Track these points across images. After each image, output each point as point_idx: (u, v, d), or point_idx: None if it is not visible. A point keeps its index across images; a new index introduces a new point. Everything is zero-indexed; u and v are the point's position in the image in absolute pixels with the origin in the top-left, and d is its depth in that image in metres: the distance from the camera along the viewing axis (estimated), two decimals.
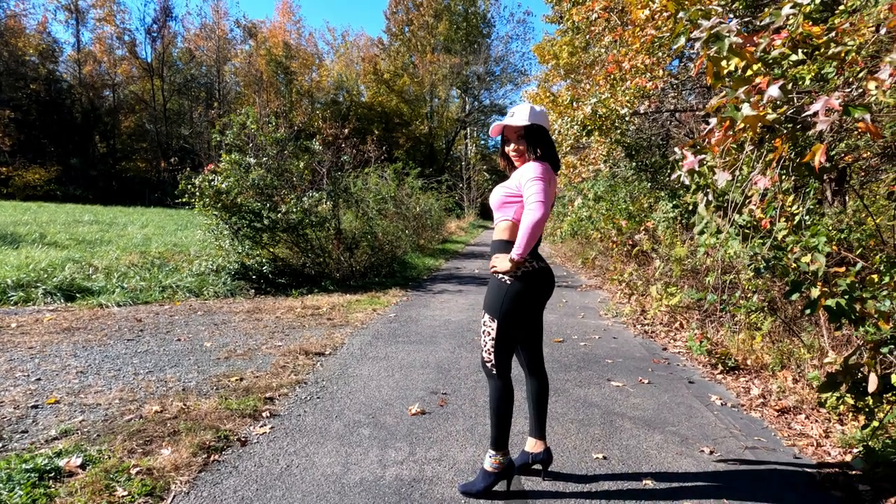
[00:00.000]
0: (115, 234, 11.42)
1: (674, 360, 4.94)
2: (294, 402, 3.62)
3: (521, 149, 2.49)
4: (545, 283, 2.50)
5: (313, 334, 5.46)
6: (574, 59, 13.20)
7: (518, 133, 2.49)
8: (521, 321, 2.48)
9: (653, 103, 8.03)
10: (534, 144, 2.46)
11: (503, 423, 2.48)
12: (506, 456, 2.51)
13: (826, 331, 4.11)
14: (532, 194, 2.30)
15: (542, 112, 2.50)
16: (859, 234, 3.95)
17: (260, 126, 8.82)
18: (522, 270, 2.41)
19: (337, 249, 9.47)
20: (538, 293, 2.48)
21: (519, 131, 2.49)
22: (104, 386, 3.79)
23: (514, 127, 2.49)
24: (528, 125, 2.45)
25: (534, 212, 2.27)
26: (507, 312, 2.42)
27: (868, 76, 2.37)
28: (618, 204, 9.18)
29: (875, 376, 2.59)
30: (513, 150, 2.53)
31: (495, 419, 2.48)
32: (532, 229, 2.27)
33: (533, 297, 2.46)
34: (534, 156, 2.44)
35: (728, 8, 4.92)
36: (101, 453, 2.75)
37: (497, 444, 2.49)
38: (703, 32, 2.49)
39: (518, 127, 2.48)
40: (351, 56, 44.40)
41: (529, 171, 2.36)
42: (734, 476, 2.79)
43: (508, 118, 2.51)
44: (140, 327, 5.47)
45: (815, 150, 2.15)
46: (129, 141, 38.45)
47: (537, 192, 2.29)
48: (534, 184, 2.31)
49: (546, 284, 2.51)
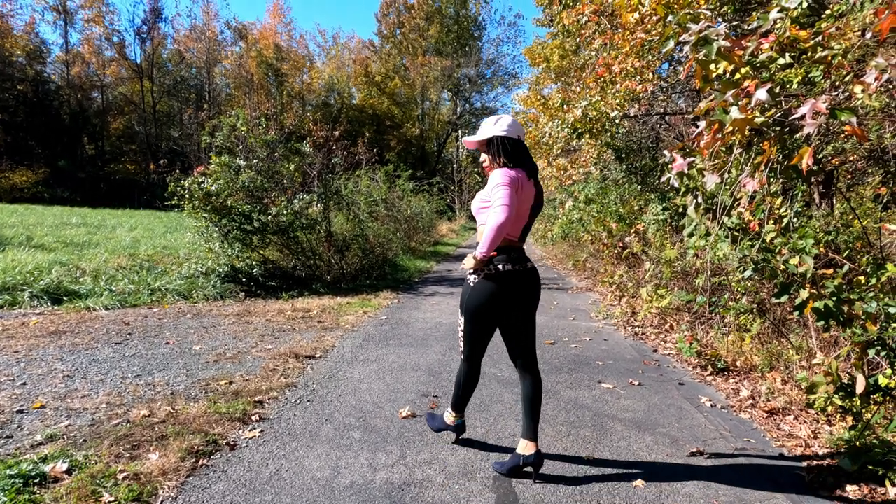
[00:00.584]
0: (103, 237, 11.31)
1: (664, 362, 4.96)
2: (284, 406, 3.59)
3: (488, 159, 2.71)
4: (515, 285, 2.62)
5: (304, 337, 5.43)
6: (565, 62, 13.26)
7: (482, 146, 2.73)
8: (486, 319, 2.68)
9: (643, 106, 8.07)
10: (496, 154, 2.63)
11: (464, 394, 2.93)
12: (460, 418, 3.02)
13: (814, 332, 4.14)
14: (497, 199, 2.44)
15: (508, 123, 2.66)
16: (846, 237, 3.99)
17: (250, 128, 8.78)
18: (485, 272, 2.59)
19: (328, 252, 9.44)
20: (506, 294, 2.61)
21: (482, 144, 2.72)
22: (91, 390, 3.75)
23: (470, 143, 2.78)
24: (488, 138, 2.66)
25: (497, 215, 2.41)
26: (470, 309, 2.67)
27: (854, 80, 2.39)
28: (608, 206, 9.22)
29: (862, 377, 2.61)
30: (483, 161, 2.77)
31: (457, 389, 2.94)
32: (494, 231, 2.41)
33: (499, 298, 2.61)
34: (499, 163, 2.61)
35: (716, 12, 4.96)
36: (87, 458, 2.71)
37: (455, 408, 3.00)
38: (691, 36, 2.51)
39: (474, 144, 2.76)
40: (342, 58, 44.38)
41: (496, 178, 2.51)
42: (724, 477, 2.80)
43: (466, 138, 2.80)
44: (128, 331, 5.42)
45: (803, 152, 2.17)
46: (117, 143, 38.18)
47: (502, 197, 2.43)
48: (499, 189, 2.46)
49: (516, 287, 2.62)
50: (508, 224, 2.42)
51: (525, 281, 2.65)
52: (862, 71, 2.39)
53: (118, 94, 37.96)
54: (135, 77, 37.81)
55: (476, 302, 2.63)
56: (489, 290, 2.59)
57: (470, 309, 2.66)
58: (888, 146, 3.47)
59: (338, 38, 45.38)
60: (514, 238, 2.65)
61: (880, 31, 2.03)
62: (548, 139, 8.77)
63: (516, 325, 2.75)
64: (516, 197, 2.48)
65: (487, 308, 2.62)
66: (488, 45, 42.45)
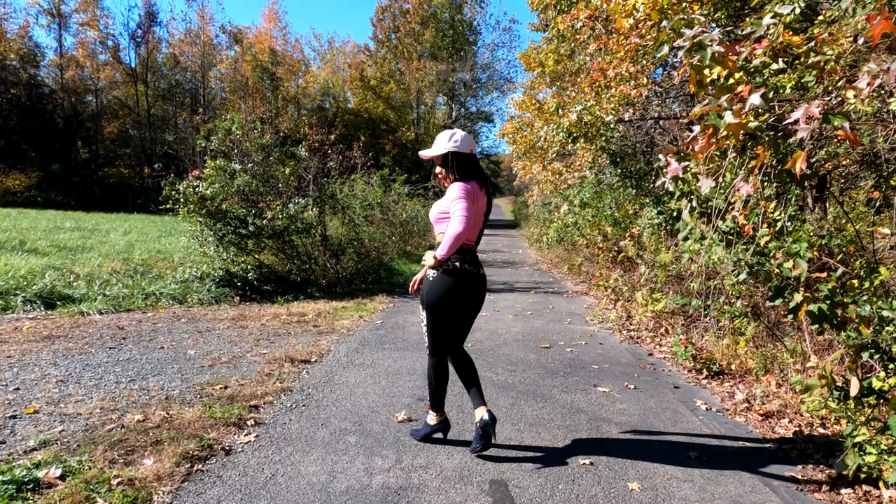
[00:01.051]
0: (97, 241, 11.26)
1: (659, 366, 4.97)
2: (279, 410, 3.58)
3: (443, 171, 3.00)
4: (468, 282, 2.95)
5: (299, 341, 5.42)
6: (559, 66, 13.32)
7: (438, 160, 3.01)
8: (445, 310, 2.96)
9: (637, 111, 8.12)
10: (451, 168, 2.94)
11: (437, 390, 3.08)
12: (441, 415, 3.13)
13: (808, 336, 4.16)
14: (456, 210, 2.76)
15: (460, 138, 2.95)
16: (840, 240, 4.01)
17: (245, 132, 8.76)
18: (444, 268, 2.90)
19: (323, 256, 9.42)
20: (460, 289, 2.94)
21: (438, 158, 3.00)
22: (85, 395, 3.73)
23: (425, 157, 3.04)
24: (444, 153, 2.95)
25: (456, 225, 2.72)
26: (431, 302, 2.94)
27: (847, 85, 2.41)
28: (603, 210, 9.24)
29: (856, 380, 2.62)
30: (438, 173, 3.05)
31: (430, 387, 3.09)
32: (453, 239, 2.72)
33: (454, 291, 2.93)
34: (454, 177, 2.91)
35: (710, 17, 5.00)
36: (81, 464, 2.70)
37: (434, 407, 3.12)
38: (686, 41, 2.52)
39: (428, 158, 3.02)
40: (337, 62, 44.35)
41: (453, 192, 2.83)
42: (719, 480, 2.81)
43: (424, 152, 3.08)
44: (122, 335, 5.40)
45: (796, 157, 2.18)
46: (112, 146, 37.99)
47: (461, 209, 2.75)
48: (457, 202, 2.78)
49: (469, 284, 2.96)
50: (466, 233, 2.74)
51: (476, 282, 3.01)
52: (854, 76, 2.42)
53: (112, 98, 37.80)
54: (129, 81, 37.67)
55: (436, 294, 2.92)
56: (447, 283, 2.91)
57: (431, 301, 2.93)
58: (880, 151, 3.50)
59: (333, 43, 45.41)
60: (472, 242, 3.01)
61: (872, 37, 2.05)
62: (543, 143, 8.80)
63: (461, 318, 3.08)
64: (472, 208, 2.82)
65: (446, 300, 2.92)
66: (483, 49, 42.52)
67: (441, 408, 3.13)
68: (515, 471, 2.84)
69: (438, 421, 3.14)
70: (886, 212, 3.92)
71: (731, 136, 2.45)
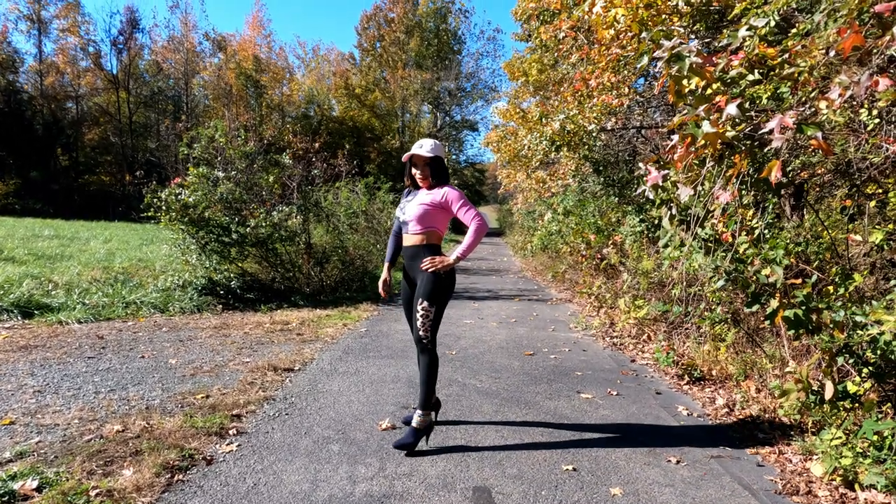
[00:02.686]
0: (76, 249, 11.09)
1: (642, 372, 5.01)
2: (262, 419, 3.55)
3: (426, 173, 3.20)
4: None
5: (282, 350, 5.38)
6: (543, 76, 13.46)
7: (425, 161, 3.18)
8: (446, 304, 3.21)
9: (619, 120, 8.22)
10: (440, 173, 3.21)
11: (432, 388, 3.16)
12: (428, 416, 3.15)
13: (786, 341, 4.23)
14: (469, 211, 3.10)
15: (441, 146, 3.26)
16: (816, 248, 4.10)
17: (229, 139, 8.72)
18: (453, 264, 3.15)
19: (307, 264, 9.38)
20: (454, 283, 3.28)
21: (425, 160, 3.17)
22: (63, 405, 3.66)
23: (423, 156, 3.16)
24: (434, 157, 3.17)
25: (483, 224, 3.07)
26: (443, 297, 3.15)
27: (819, 96, 2.48)
28: (586, 218, 9.33)
29: (831, 384, 2.68)
30: (419, 174, 3.22)
31: (427, 385, 3.13)
32: (481, 236, 3.08)
33: (453, 284, 3.26)
34: (436, 181, 3.20)
35: (689, 29, 5.09)
36: (58, 475, 2.65)
37: (425, 405, 3.14)
38: (665, 52, 2.58)
39: (426, 157, 3.16)
40: (322, 70, 44.29)
41: (454, 196, 3.15)
42: (700, 485, 2.84)
43: (417, 149, 3.18)
44: (102, 344, 5.32)
45: (772, 165, 2.24)
46: (92, 154, 37.51)
47: (473, 210, 3.10)
48: (465, 206, 3.12)
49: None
50: (486, 229, 3.06)
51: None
52: (826, 87, 2.48)
53: (93, 105, 37.36)
54: (111, 88, 37.27)
55: (447, 289, 3.17)
56: (453, 277, 3.22)
57: (443, 297, 3.14)
58: (853, 160, 3.59)
59: (318, 51, 45.27)
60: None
61: (843, 49, 2.12)
62: (527, 152, 8.88)
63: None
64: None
65: (450, 294, 3.22)
66: (468, 58, 42.82)
67: (430, 405, 3.18)
68: (499, 477, 2.85)
69: (426, 422, 3.15)
70: (859, 220, 4.01)
71: (709, 145, 2.51)
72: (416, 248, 3.22)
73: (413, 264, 3.23)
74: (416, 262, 3.20)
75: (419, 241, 3.21)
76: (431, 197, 3.18)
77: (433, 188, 3.23)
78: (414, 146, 3.20)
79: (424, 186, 3.24)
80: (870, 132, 3.33)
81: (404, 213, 3.25)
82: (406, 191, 3.39)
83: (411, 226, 3.20)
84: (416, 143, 3.21)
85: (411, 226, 3.20)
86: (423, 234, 3.20)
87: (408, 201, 3.28)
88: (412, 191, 3.34)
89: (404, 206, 3.28)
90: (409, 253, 3.25)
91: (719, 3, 4.59)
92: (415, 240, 3.22)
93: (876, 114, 3.23)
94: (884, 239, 3.49)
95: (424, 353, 3.14)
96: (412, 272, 3.26)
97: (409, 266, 3.29)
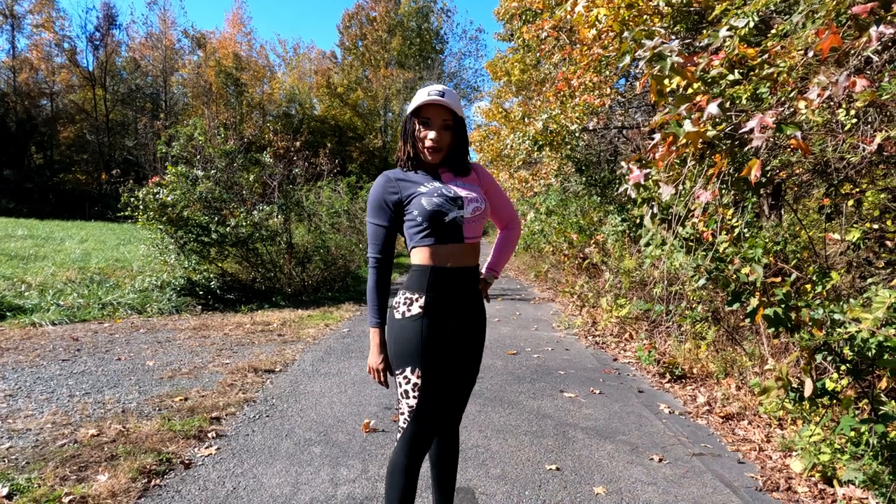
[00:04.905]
0: (51, 250, 10.84)
1: (624, 371, 5.04)
2: (242, 422, 3.50)
3: (444, 142, 1.85)
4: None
5: (263, 351, 5.31)
6: (525, 76, 13.50)
7: (447, 122, 1.84)
8: None
9: (601, 120, 8.26)
10: (461, 141, 1.92)
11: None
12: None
13: (766, 339, 4.28)
14: (510, 204, 2.13)
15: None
16: (794, 247, 4.15)
17: (208, 138, 8.60)
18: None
19: (288, 264, 9.29)
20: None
21: (448, 120, 1.84)
22: (35, 409, 3.57)
23: (446, 112, 1.83)
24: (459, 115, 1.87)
25: (520, 225, 2.20)
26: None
27: (798, 96, 2.50)
28: (569, 218, 9.37)
29: (810, 381, 2.70)
30: (432, 141, 1.83)
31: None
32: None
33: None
34: (452, 153, 1.90)
35: (670, 29, 5.13)
36: (30, 482, 2.57)
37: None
38: (646, 52, 2.58)
39: (447, 108, 1.82)
40: (303, 69, 43.99)
41: (489, 175, 2.05)
42: (682, 482, 2.85)
43: (431, 95, 1.80)
44: (77, 347, 5.20)
45: (751, 165, 2.25)
46: (68, 152, 36.74)
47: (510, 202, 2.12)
48: (503, 192, 2.10)
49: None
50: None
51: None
52: (805, 88, 2.51)
53: (69, 102, 36.60)
54: (87, 85, 36.55)
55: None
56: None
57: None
58: (830, 160, 3.64)
59: (298, 49, 44.96)
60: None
61: (821, 50, 2.13)
62: (509, 151, 8.89)
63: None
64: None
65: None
66: (450, 58, 42.93)
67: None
68: (482, 478, 2.83)
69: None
70: (837, 219, 4.07)
71: (690, 144, 2.51)
72: (473, 270, 1.92)
73: (466, 297, 1.92)
74: (472, 291, 1.94)
75: (475, 256, 1.95)
76: (470, 179, 1.96)
77: (453, 168, 1.93)
78: (420, 92, 1.85)
79: (434, 161, 1.86)
80: (847, 132, 3.37)
81: (456, 199, 1.82)
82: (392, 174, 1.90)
83: (469, 227, 1.85)
84: (423, 89, 1.85)
85: (469, 227, 1.85)
86: (477, 247, 1.94)
87: (435, 185, 1.85)
88: (408, 172, 1.90)
89: (438, 188, 1.83)
90: (461, 277, 1.87)
91: (700, 3, 4.62)
92: (471, 255, 1.90)
93: (853, 114, 3.27)
94: (860, 237, 3.54)
95: (457, 441, 2.13)
96: (461, 313, 1.90)
97: (455, 302, 1.87)
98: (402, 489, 1.86)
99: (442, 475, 2.10)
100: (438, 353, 1.82)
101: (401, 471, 1.85)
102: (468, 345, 1.94)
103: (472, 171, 1.98)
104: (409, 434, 1.83)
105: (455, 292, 1.86)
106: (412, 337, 1.80)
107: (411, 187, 1.84)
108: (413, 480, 1.87)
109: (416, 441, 1.84)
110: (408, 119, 1.88)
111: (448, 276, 1.83)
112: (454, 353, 1.89)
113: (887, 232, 3.68)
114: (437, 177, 1.90)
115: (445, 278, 1.83)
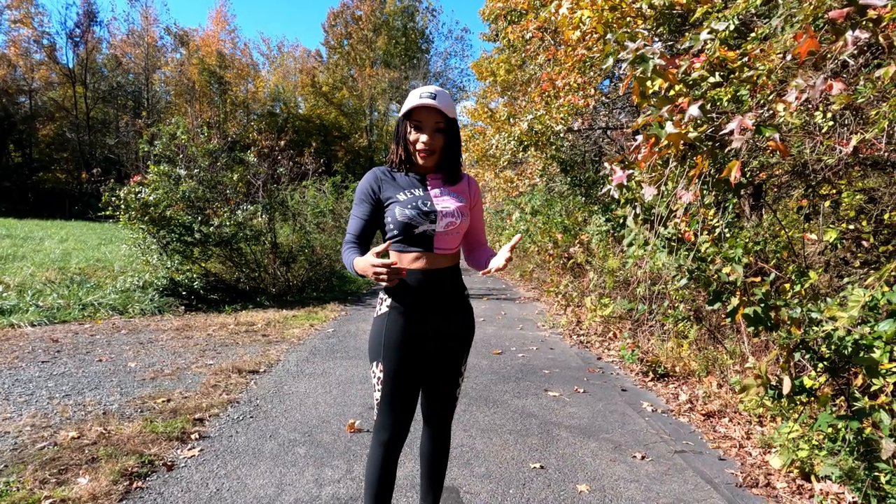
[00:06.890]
0: (30, 249, 10.65)
1: (608, 369, 5.08)
2: (225, 423, 3.47)
3: (436, 145, 1.84)
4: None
5: (247, 351, 5.27)
6: (511, 76, 13.55)
7: (439, 125, 1.82)
8: None
9: (585, 120, 8.32)
10: (451, 142, 1.88)
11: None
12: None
13: (746, 338, 4.35)
14: (484, 231, 2.11)
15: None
16: (774, 246, 4.21)
17: (191, 136, 8.52)
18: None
19: (273, 264, 9.23)
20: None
21: (441, 122, 1.82)
22: (14, 412, 3.51)
23: (438, 115, 1.81)
24: (453, 118, 1.86)
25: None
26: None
27: (777, 99, 2.54)
28: (554, 218, 9.42)
29: (789, 379, 2.75)
30: (424, 144, 1.82)
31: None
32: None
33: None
34: (445, 158, 1.90)
35: (653, 32, 5.18)
36: (8, 486, 2.54)
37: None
38: (629, 54, 2.61)
39: (440, 111, 1.80)
40: (287, 67, 43.71)
41: (479, 196, 2.04)
42: (664, 479, 2.89)
43: (422, 98, 1.77)
44: (56, 348, 5.12)
45: (731, 166, 2.28)
46: (47, 150, 36.13)
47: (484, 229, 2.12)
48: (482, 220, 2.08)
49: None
50: None
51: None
52: (784, 91, 2.55)
53: (48, 100, 36.00)
54: (67, 82, 35.98)
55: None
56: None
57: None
58: (808, 161, 3.71)
59: (282, 47, 44.64)
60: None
61: (799, 54, 2.17)
62: (495, 151, 8.92)
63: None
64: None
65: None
66: (436, 58, 42.93)
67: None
68: (467, 477, 2.84)
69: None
70: (815, 219, 4.14)
71: (672, 145, 2.55)
72: (448, 273, 1.93)
73: (442, 300, 1.92)
74: (449, 295, 1.94)
75: (453, 261, 1.96)
76: (458, 189, 1.94)
77: (445, 174, 1.93)
78: (412, 94, 1.82)
79: (427, 165, 1.88)
80: (824, 134, 3.43)
81: (430, 213, 1.82)
82: (380, 172, 1.93)
83: (442, 239, 1.86)
84: (415, 90, 1.82)
85: (442, 239, 1.86)
86: (457, 252, 1.98)
87: (415, 194, 1.85)
88: (396, 173, 1.92)
89: (416, 199, 1.84)
90: (436, 280, 1.88)
91: (682, 6, 4.68)
92: (443, 260, 1.90)
93: (830, 116, 3.33)
94: (837, 238, 3.60)
95: (446, 438, 2.14)
96: (437, 315, 1.91)
97: (429, 304, 1.89)
98: (373, 482, 1.92)
99: (428, 471, 2.13)
100: (404, 350, 1.86)
101: (373, 463, 1.92)
102: (453, 344, 1.97)
103: (464, 180, 1.98)
104: (376, 426, 1.92)
105: (427, 293, 1.88)
106: (377, 333, 1.90)
107: (392, 190, 1.87)
108: (385, 474, 1.91)
109: (381, 432, 1.90)
110: (400, 122, 1.88)
111: (416, 277, 1.86)
112: (432, 352, 1.93)
113: (863, 232, 3.75)
114: (424, 184, 1.90)
115: (413, 279, 1.86)
